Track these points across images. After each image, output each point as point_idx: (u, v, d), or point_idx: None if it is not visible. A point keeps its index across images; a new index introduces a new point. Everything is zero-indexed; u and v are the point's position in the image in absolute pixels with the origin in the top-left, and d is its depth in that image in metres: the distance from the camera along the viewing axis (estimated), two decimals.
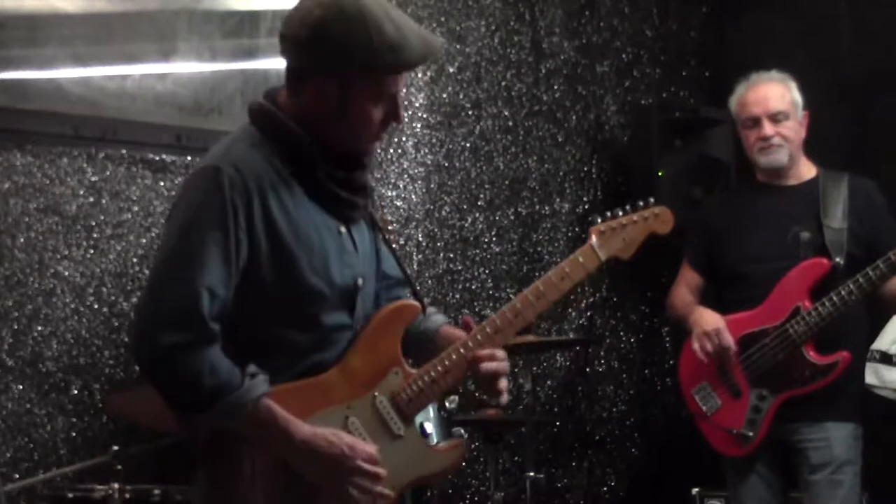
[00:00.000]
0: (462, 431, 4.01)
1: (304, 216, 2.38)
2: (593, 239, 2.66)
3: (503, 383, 2.56)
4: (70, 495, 3.55)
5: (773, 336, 3.69)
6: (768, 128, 3.80)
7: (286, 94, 2.46)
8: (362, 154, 2.46)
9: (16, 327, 3.97)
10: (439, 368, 2.51)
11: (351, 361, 2.44)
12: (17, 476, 3.85)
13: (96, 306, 4.11)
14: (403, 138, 4.73)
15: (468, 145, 4.97)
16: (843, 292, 3.58)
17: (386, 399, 2.46)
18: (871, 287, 3.58)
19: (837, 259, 3.67)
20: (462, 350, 2.53)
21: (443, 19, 4.93)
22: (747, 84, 3.92)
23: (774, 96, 3.84)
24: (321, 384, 2.41)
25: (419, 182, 4.82)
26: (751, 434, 3.70)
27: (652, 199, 2.75)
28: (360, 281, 2.46)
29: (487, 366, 2.53)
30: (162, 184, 4.26)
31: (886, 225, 3.77)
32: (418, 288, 2.67)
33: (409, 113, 4.73)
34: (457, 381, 2.55)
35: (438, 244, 4.86)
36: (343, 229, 2.46)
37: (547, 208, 5.14)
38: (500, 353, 2.56)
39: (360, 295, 2.47)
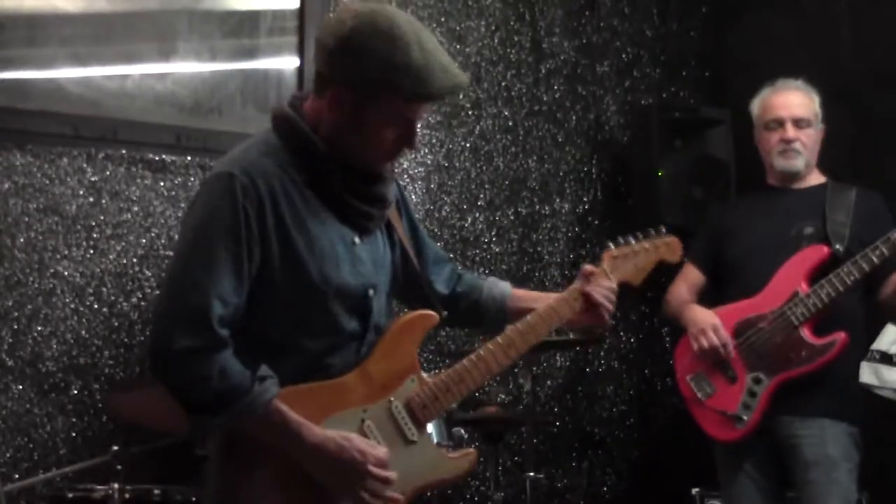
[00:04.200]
0: (462, 431, 4.01)
1: (317, 224, 2.40)
2: (606, 263, 2.75)
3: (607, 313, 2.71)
4: (70, 495, 3.56)
5: (770, 320, 3.71)
6: (791, 131, 3.85)
7: (311, 98, 2.48)
8: (372, 169, 2.47)
9: (16, 327, 3.98)
10: (454, 377, 2.56)
11: (369, 366, 2.48)
12: (17, 476, 3.85)
13: (96, 306, 4.11)
14: None
15: (468, 145, 4.97)
16: (841, 273, 3.59)
17: (401, 405, 2.49)
18: (871, 268, 3.58)
19: (837, 246, 3.68)
20: (475, 359, 2.57)
21: (443, 19, 4.93)
22: (773, 88, 3.96)
23: (800, 102, 3.90)
24: (339, 386, 2.43)
25: (419, 182, 4.83)
26: (745, 417, 3.70)
27: (664, 229, 2.87)
28: (370, 291, 2.48)
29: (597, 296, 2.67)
30: (162, 184, 4.26)
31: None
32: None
33: None
34: (471, 390, 2.59)
35: (438, 244, 4.85)
36: (357, 239, 2.47)
37: (547, 208, 5.14)
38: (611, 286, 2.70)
39: (370, 304, 2.49)
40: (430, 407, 2.51)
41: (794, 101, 3.89)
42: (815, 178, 3.94)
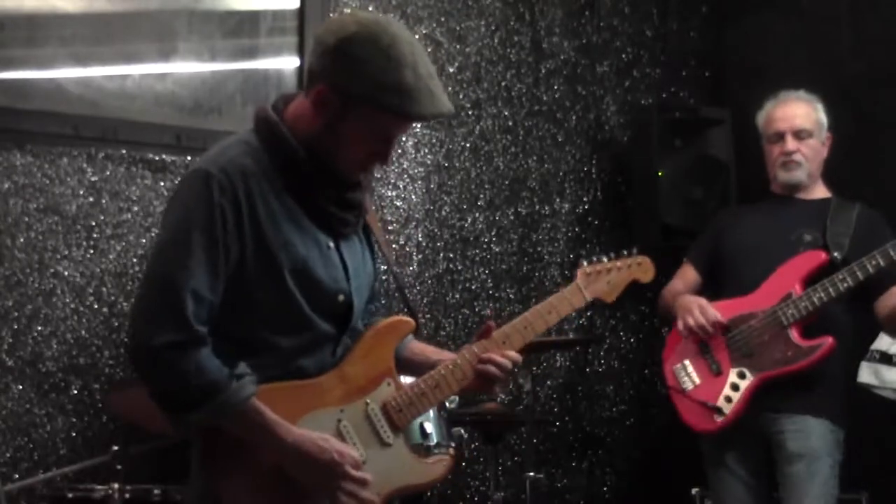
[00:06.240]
0: (462, 431, 4.01)
1: (292, 227, 2.41)
2: (580, 279, 2.81)
3: (497, 388, 2.68)
4: (70, 495, 3.56)
5: (760, 318, 3.74)
6: (791, 143, 3.90)
7: (299, 98, 2.49)
8: (345, 177, 2.47)
9: (16, 327, 3.98)
10: (430, 383, 2.59)
11: (346, 368, 2.51)
12: (17, 476, 3.86)
13: (96, 306, 4.11)
14: (403, 138, 4.73)
15: (468, 145, 4.97)
16: (836, 280, 3.64)
17: (377, 407, 2.53)
18: (865, 277, 3.61)
19: (836, 254, 3.72)
20: (451, 366, 2.61)
21: (443, 19, 4.93)
22: (776, 100, 4.01)
23: (800, 114, 3.94)
24: (317, 386, 2.46)
25: (419, 182, 4.83)
26: (725, 410, 3.73)
27: (636, 249, 2.94)
28: (340, 297, 2.49)
29: (491, 368, 2.62)
30: (162, 184, 4.26)
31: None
32: (411, 295, 2.72)
33: None
34: (446, 396, 2.64)
35: (438, 244, 4.86)
36: (331, 244, 2.49)
37: (547, 208, 5.14)
38: (513, 358, 2.64)
39: (343, 308, 2.50)
40: (405, 411, 2.55)
41: (794, 113, 3.94)
42: (821, 192, 3.98)
